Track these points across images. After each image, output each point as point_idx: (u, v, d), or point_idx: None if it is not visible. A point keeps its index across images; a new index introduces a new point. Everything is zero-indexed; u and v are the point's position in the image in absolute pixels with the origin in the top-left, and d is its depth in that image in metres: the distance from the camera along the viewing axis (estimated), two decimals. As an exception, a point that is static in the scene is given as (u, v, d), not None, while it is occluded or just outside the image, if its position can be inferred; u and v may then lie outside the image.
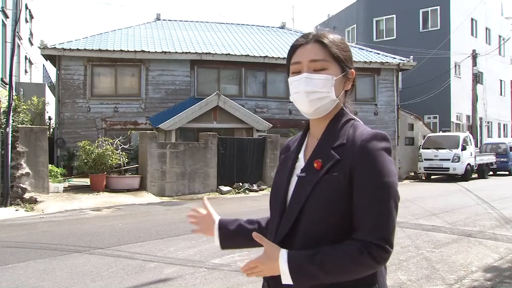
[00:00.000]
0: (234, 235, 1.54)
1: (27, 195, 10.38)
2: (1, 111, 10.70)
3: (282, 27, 23.59)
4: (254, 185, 14.04)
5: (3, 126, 10.33)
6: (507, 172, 23.01)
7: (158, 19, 21.66)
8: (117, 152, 12.66)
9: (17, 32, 13.21)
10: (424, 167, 19.43)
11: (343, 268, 1.20)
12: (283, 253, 1.25)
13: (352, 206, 1.25)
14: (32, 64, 22.65)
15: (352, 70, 1.39)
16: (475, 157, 19.58)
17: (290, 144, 1.51)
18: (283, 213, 1.34)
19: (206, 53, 17.29)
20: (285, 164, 1.44)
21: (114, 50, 16.28)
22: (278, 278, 1.26)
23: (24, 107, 12.28)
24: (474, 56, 24.37)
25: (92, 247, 6.10)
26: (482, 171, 20.57)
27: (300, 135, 1.49)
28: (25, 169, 10.68)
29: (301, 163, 1.38)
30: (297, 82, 1.35)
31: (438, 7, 25.70)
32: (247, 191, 13.54)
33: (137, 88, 16.97)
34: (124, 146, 13.14)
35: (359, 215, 1.23)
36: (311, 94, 1.32)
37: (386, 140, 1.28)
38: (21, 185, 10.46)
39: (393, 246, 1.23)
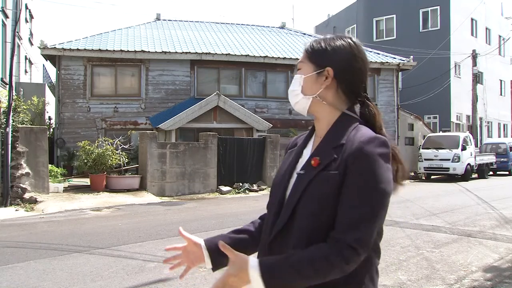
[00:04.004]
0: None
1: (27, 195, 10.38)
2: (1, 111, 10.69)
3: (282, 27, 23.58)
4: (254, 185, 14.04)
5: (3, 126, 10.33)
6: (507, 172, 22.98)
7: (158, 19, 21.66)
8: (117, 152, 12.66)
9: (17, 32, 13.20)
10: (424, 167, 19.40)
11: (316, 269, 1.18)
12: (253, 260, 1.21)
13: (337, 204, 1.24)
14: (32, 64, 22.64)
15: (328, 68, 1.36)
16: (475, 157, 19.56)
17: (298, 140, 1.54)
18: (280, 209, 1.35)
19: (206, 53, 17.30)
20: (287, 159, 1.48)
21: (114, 50, 16.29)
22: None
23: (24, 107, 12.28)
24: (474, 56, 24.36)
25: (92, 247, 6.10)
26: (482, 171, 20.54)
27: (307, 133, 1.52)
28: (25, 169, 10.67)
29: (304, 160, 1.40)
30: None
31: (438, 7, 25.70)
32: (247, 191, 13.54)
33: (137, 88, 16.98)
34: (124, 146, 13.14)
35: (341, 213, 1.22)
36: (290, 93, 1.46)
37: (385, 146, 1.26)
38: (21, 185, 10.45)
39: (366, 251, 1.20)
